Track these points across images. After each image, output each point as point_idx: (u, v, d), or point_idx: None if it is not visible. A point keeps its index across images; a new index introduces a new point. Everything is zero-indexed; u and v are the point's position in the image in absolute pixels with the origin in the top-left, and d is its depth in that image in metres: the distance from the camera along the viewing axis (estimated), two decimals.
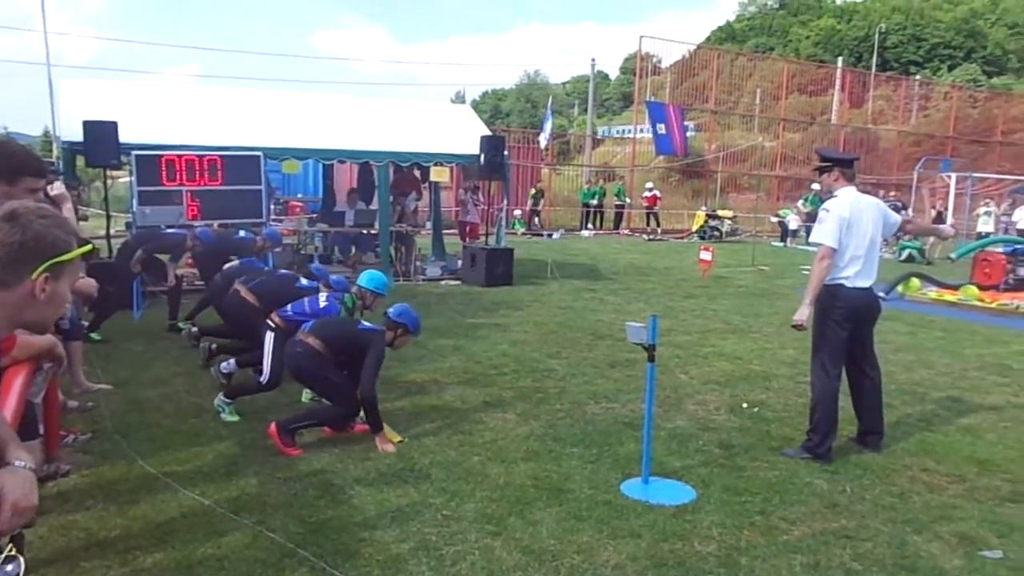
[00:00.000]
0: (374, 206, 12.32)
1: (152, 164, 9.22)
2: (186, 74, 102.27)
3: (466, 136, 11.79)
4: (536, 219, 23.31)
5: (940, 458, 4.69)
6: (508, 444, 4.76)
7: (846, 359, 4.72)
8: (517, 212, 22.41)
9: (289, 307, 5.25)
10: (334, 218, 12.67)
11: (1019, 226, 21.04)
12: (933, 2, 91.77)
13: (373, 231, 12.22)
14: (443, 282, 11.82)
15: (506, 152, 12.13)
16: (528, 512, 3.79)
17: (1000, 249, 12.41)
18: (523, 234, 21.30)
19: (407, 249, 12.55)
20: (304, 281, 6.05)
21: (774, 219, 23.95)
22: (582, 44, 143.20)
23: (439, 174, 11.85)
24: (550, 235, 21.59)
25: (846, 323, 4.62)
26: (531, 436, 4.92)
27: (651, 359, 4.20)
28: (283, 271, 6.78)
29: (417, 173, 13.22)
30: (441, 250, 13.70)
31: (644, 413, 4.32)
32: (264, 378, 5.09)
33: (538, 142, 25.60)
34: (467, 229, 15.29)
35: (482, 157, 11.20)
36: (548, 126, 24.84)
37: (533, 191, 23.69)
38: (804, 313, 4.58)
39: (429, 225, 14.45)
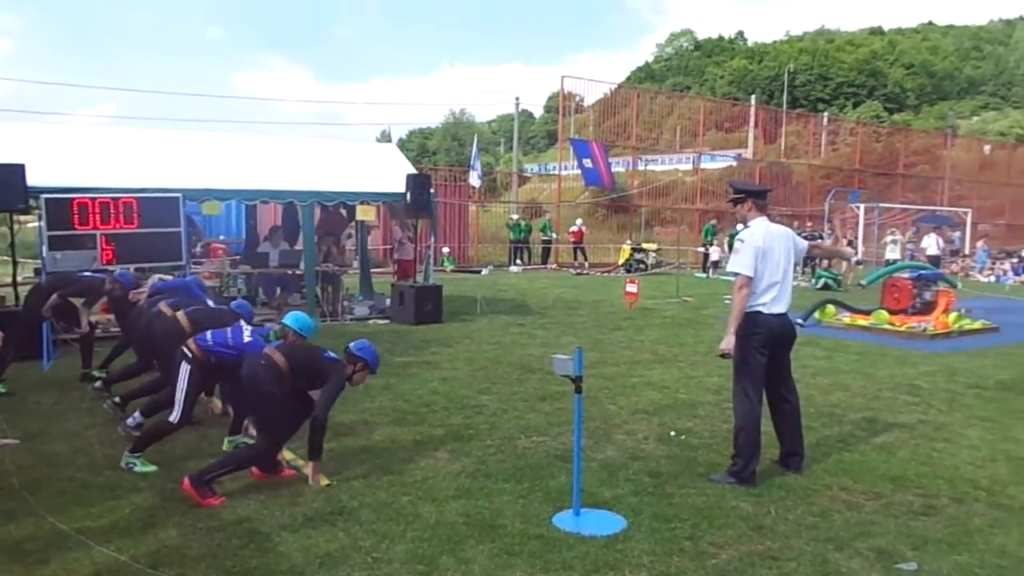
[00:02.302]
0: (299, 246, 12.14)
1: (63, 207, 8.88)
2: (101, 115, 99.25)
3: (392, 174, 11.79)
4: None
5: (857, 476, 4.86)
6: (439, 482, 4.71)
7: (766, 384, 4.87)
8: (446, 249, 22.45)
9: (209, 335, 5.00)
10: (257, 259, 12.42)
11: (928, 252, 22.26)
12: (837, 44, 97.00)
13: (298, 271, 12.02)
14: (371, 321, 11.69)
15: (433, 190, 12.17)
16: (460, 550, 3.75)
17: (907, 275, 13.03)
18: (452, 271, 21.32)
19: (334, 289, 12.38)
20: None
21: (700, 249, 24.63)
22: (506, 84, 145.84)
23: (365, 213, 11.78)
24: (479, 271, 21.67)
25: (765, 348, 4.76)
26: (462, 473, 4.88)
27: (578, 391, 4.24)
28: (221, 307, 6.27)
29: (343, 212, 13.12)
30: (369, 289, 13.57)
31: (573, 445, 4.35)
32: (175, 417, 4.79)
33: (466, 180, 25.78)
34: (400, 267, 15.18)
35: (408, 195, 11.21)
36: (478, 164, 25.09)
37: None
38: (730, 342, 4.70)
39: (356, 264, 14.32)
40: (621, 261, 23.64)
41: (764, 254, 4.74)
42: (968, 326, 11.67)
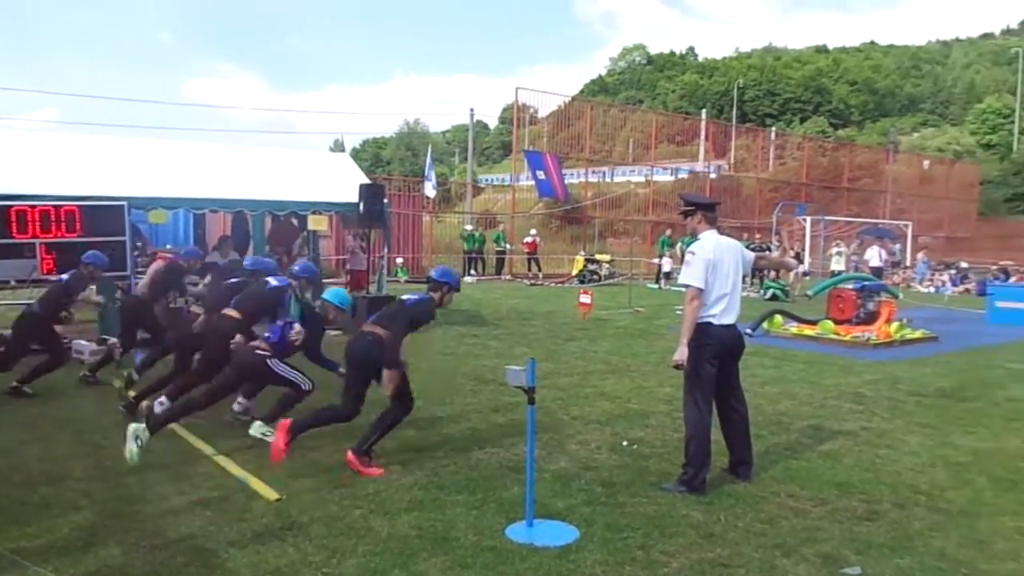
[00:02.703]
0: (249, 255, 11.95)
1: (0, 215, 8.60)
2: (43, 120, 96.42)
3: (345, 184, 11.70)
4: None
5: (804, 483, 4.96)
6: (391, 495, 4.67)
7: (716, 394, 4.94)
8: (399, 260, 22.32)
9: (269, 332, 5.83)
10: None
11: (871, 264, 22.90)
12: (784, 61, 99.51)
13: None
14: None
15: (386, 200, 12.11)
16: (412, 564, 3.72)
17: (851, 286, 13.39)
18: (406, 281, 21.19)
19: None
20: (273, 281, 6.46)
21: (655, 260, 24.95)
22: (461, 94, 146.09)
23: (317, 223, 11.66)
24: None
25: (715, 359, 4.84)
26: (415, 486, 4.85)
27: (531, 401, 4.25)
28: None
29: (295, 222, 12.97)
30: None
31: (527, 456, 4.35)
32: (307, 384, 5.80)
33: (420, 190, 25.72)
34: (353, 277, 15.05)
35: (362, 205, 11.13)
36: (433, 175, 25.06)
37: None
38: (684, 353, 4.75)
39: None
40: (575, 272, 23.79)
41: (714, 266, 4.81)
42: (909, 335, 12.02)
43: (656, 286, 22.74)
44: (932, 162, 46.06)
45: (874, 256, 23.24)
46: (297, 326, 5.85)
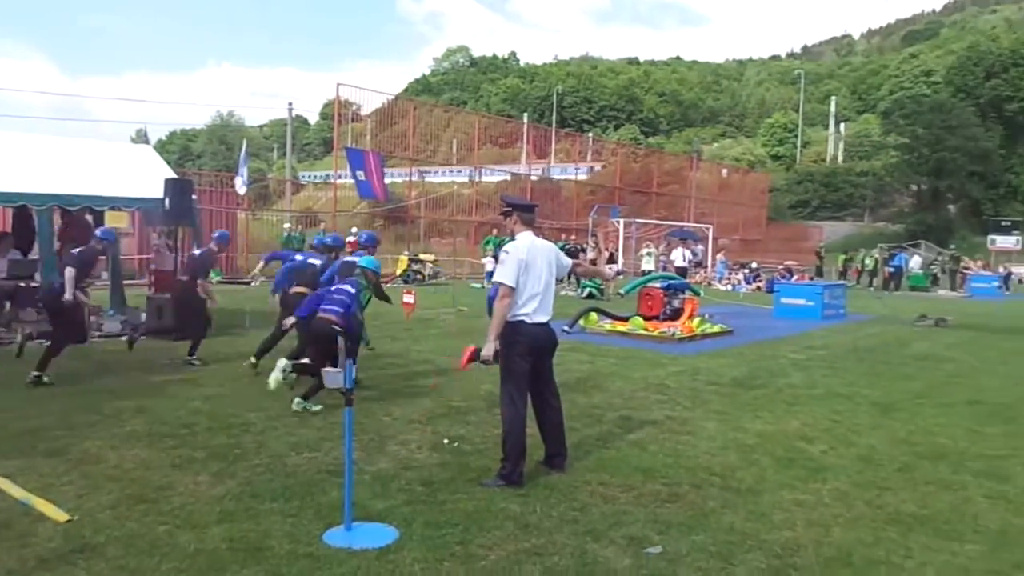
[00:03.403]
0: (35, 255, 10.83)
1: None
2: None
3: (148, 178, 10.91)
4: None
5: (614, 471, 5.25)
6: (200, 508, 4.42)
7: (531, 389, 5.11)
8: None
9: (330, 307, 6.91)
10: None
11: (676, 264, 24.59)
12: (600, 70, 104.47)
13: (34, 283, 10.71)
14: (124, 337, 10.69)
15: (195, 196, 11.42)
16: None
17: (659, 285, 14.31)
18: (219, 282, 20.07)
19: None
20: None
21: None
22: (280, 88, 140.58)
23: (116, 219, 10.79)
24: (248, 282, 20.61)
25: (528, 356, 5.01)
26: (226, 496, 4.62)
27: (348, 403, 4.18)
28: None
29: (89, 218, 11.89)
30: (121, 302, 12.40)
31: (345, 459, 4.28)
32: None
33: (233, 186, 24.46)
34: (158, 278, 14.00)
35: (167, 201, 10.43)
36: (245, 171, 23.85)
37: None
38: (490, 349, 4.89)
39: (106, 276, 13.02)
40: (399, 272, 23.65)
41: (527, 266, 4.96)
42: (709, 330, 13.04)
43: (479, 285, 23.11)
44: (729, 170, 50.32)
45: (679, 257, 25.00)
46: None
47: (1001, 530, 4.43)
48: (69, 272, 7.61)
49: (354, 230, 24.84)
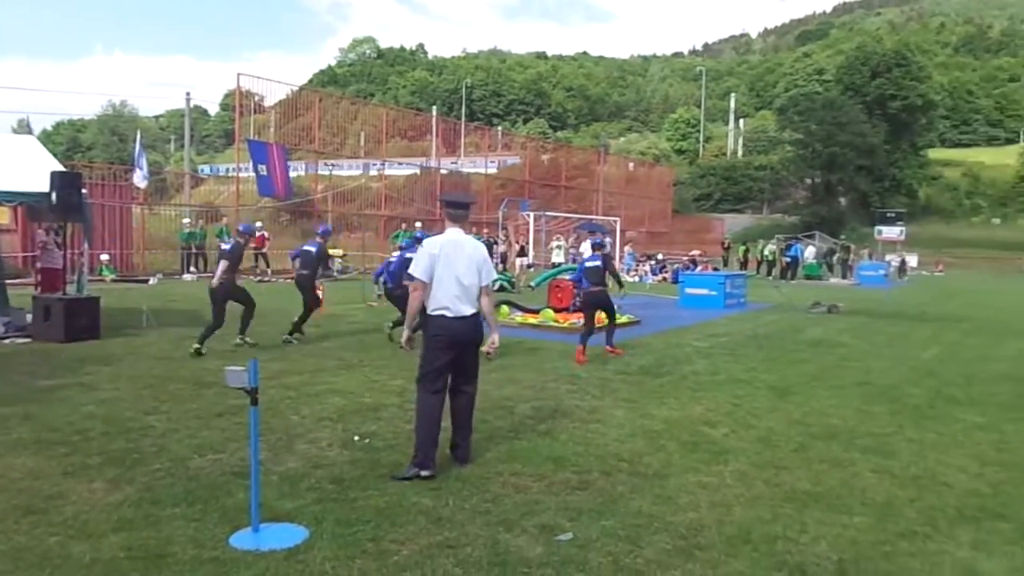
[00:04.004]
0: None
1: None
2: None
3: (32, 171, 10.26)
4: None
5: (526, 461, 5.30)
6: (95, 516, 4.21)
7: (449, 381, 5.17)
8: (105, 257, 20.14)
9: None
10: None
11: (586, 256, 24.98)
12: (508, 64, 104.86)
13: None
14: (8, 340, 10.07)
15: (86, 190, 10.84)
16: None
17: (568, 277, 14.53)
18: (113, 280, 19.17)
19: None
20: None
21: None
22: (176, 77, 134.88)
23: None
24: (146, 280, 19.77)
25: (449, 350, 5.06)
26: (124, 503, 4.42)
27: (254, 403, 4.07)
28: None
29: None
30: (3, 302, 11.65)
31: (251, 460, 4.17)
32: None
33: (128, 179, 23.34)
34: (46, 277, 13.21)
35: (54, 195, 9.85)
36: (144, 163, 22.79)
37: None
38: (404, 335, 5.10)
39: None
40: None
41: (441, 261, 5.01)
42: (618, 321, 13.29)
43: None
44: (636, 164, 51.47)
45: (588, 249, 25.37)
46: None
47: (887, 502, 4.72)
48: None
49: (258, 224, 24.14)
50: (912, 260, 36.81)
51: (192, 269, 22.39)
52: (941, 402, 7.68)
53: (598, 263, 10.17)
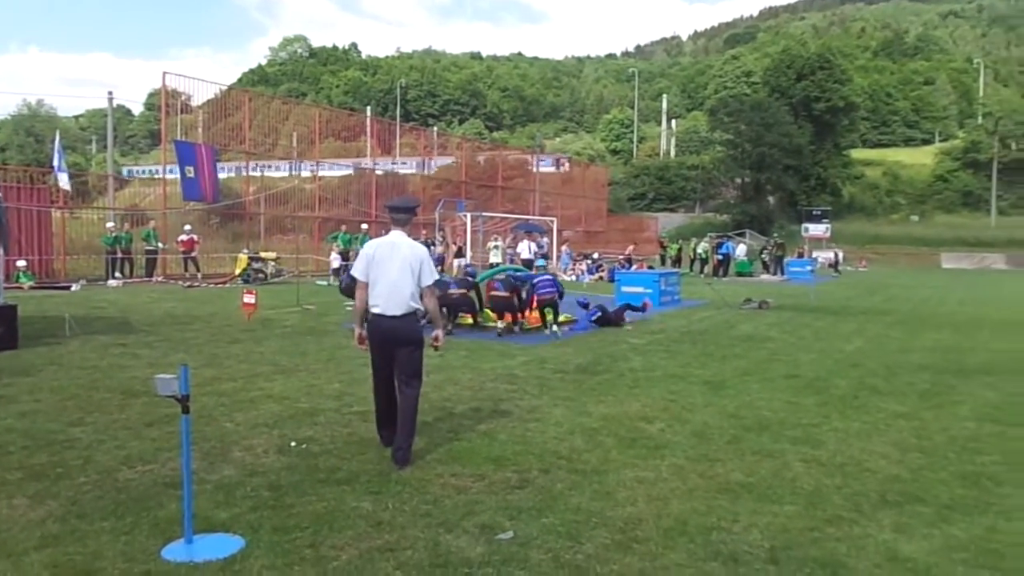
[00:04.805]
0: None
1: None
2: None
3: None
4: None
5: (466, 462, 5.31)
6: (17, 534, 4.04)
7: (396, 378, 5.40)
8: (22, 263, 19.29)
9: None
10: None
11: (523, 256, 25.11)
12: (443, 64, 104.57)
13: None
14: None
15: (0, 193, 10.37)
16: None
17: (500, 279, 14.49)
18: (31, 287, 18.37)
19: None
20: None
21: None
22: (97, 75, 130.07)
23: None
24: (68, 287, 19.01)
25: (379, 345, 5.33)
26: (48, 518, 4.25)
27: (185, 411, 3.97)
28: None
29: None
30: None
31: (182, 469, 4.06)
32: None
33: (46, 182, 22.41)
34: None
35: None
36: (64, 164, 21.90)
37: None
38: (355, 332, 5.44)
39: None
40: (238, 271, 22.63)
41: (377, 263, 5.22)
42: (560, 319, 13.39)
43: (325, 282, 22.55)
44: (571, 164, 51.88)
45: (525, 249, 25.57)
46: None
47: (815, 490, 4.89)
48: None
49: (187, 228, 23.51)
50: (838, 256, 38.22)
51: (117, 275, 21.62)
52: (865, 392, 7.99)
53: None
